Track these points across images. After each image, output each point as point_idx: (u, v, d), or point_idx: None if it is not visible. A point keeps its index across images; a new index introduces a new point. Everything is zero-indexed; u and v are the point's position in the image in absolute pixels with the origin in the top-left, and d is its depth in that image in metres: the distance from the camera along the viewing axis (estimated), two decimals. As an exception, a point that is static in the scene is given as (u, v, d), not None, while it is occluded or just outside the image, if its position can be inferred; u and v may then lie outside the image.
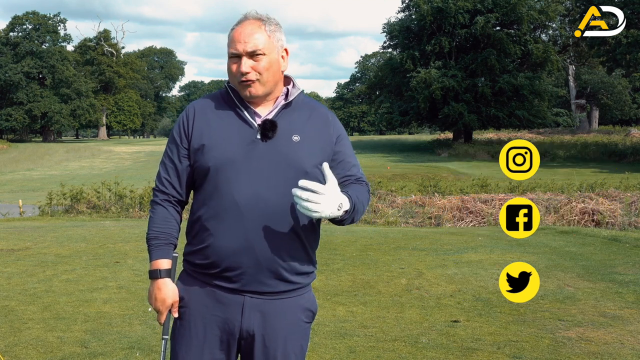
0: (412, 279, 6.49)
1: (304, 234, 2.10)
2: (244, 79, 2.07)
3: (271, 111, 2.13)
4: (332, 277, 6.51)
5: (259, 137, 2.08)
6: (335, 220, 2.03)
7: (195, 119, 2.14)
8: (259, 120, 2.11)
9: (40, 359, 4.21)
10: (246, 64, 2.06)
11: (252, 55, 2.07)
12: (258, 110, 2.13)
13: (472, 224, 11.97)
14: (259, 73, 2.07)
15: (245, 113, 2.12)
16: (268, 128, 2.07)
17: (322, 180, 2.03)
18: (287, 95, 2.17)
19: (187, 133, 2.14)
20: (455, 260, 7.42)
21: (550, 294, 5.79)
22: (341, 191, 2.02)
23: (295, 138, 2.09)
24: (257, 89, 2.09)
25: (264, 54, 2.08)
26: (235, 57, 2.09)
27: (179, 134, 2.16)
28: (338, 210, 1.96)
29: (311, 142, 2.11)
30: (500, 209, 12.21)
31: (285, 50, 2.16)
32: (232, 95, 2.14)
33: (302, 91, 2.21)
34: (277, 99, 2.16)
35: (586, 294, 5.80)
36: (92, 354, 4.28)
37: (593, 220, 11.54)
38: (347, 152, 2.20)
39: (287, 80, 2.20)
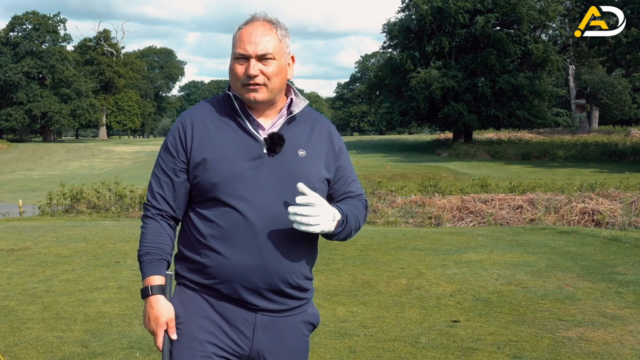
0: (412, 279, 6.49)
1: (309, 250, 2.06)
2: (251, 82, 1.96)
3: (274, 123, 2.04)
4: (332, 277, 6.51)
5: (265, 151, 1.98)
6: (328, 235, 1.97)
7: (194, 131, 2.00)
8: (263, 133, 2.01)
9: (40, 359, 4.21)
10: (255, 66, 1.95)
11: (262, 58, 1.96)
12: (260, 120, 2.03)
13: (472, 224, 11.97)
14: (267, 78, 1.97)
15: (249, 125, 2.00)
16: (276, 142, 1.97)
17: (325, 196, 2.03)
18: (290, 105, 2.07)
19: (185, 146, 1.99)
20: (455, 260, 7.42)
21: (550, 294, 5.79)
22: (331, 204, 2.00)
23: (301, 153, 2.01)
24: (262, 94, 1.97)
25: (274, 59, 1.97)
26: (242, 58, 1.97)
27: (174, 147, 2.01)
28: (333, 220, 1.94)
29: (316, 157, 2.04)
30: (500, 209, 12.27)
31: (292, 57, 2.06)
32: (235, 104, 2.01)
33: (308, 104, 2.12)
34: (280, 110, 2.06)
35: (586, 294, 5.80)
36: (92, 354, 4.28)
37: (593, 220, 11.54)
38: (347, 167, 2.14)
39: (288, 88, 2.09)
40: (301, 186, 1.91)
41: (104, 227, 10.82)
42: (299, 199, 1.89)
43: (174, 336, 1.99)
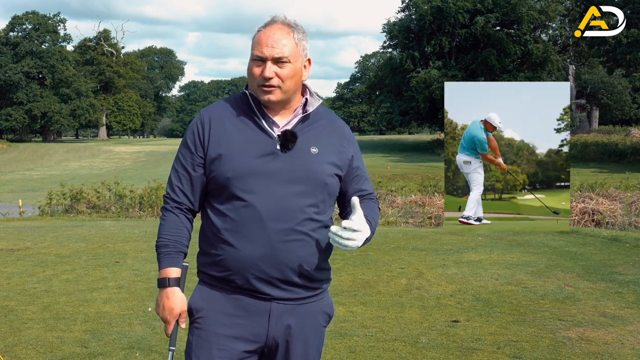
0: (412, 279, 6.49)
1: (323, 241, 2.11)
2: (266, 84, 2.04)
3: (289, 121, 2.11)
4: (332, 277, 6.49)
5: (278, 147, 2.05)
6: None
7: (211, 127, 2.09)
8: (277, 130, 2.08)
9: (40, 359, 4.21)
10: (270, 69, 2.03)
11: (277, 61, 2.04)
12: (276, 119, 2.11)
13: (472, 224, 11.95)
14: (282, 80, 2.05)
15: (264, 122, 2.09)
16: (288, 139, 2.05)
17: (335, 192, 2.14)
18: (305, 105, 2.15)
19: (203, 141, 2.09)
20: (455, 260, 7.42)
21: (550, 294, 5.79)
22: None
23: (314, 150, 2.09)
24: (276, 96, 2.06)
25: (289, 62, 2.05)
26: (259, 60, 2.06)
27: (193, 142, 2.11)
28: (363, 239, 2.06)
29: (329, 154, 2.11)
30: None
31: (309, 60, 2.14)
32: (251, 103, 2.10)
33: (321, 103, 2.19)
34: (295, 109, 2.14)
35: (586, 294, 5.80)
36: (92, 354, 4.28)
37: (593, 220, 11.53)
38: (361, 166, 2.22)
39: (304, 88, 2.17)
40: (355, 200, 2.00)
41: (104, 227, 10.83)
42: (345, 224, 1.99)
43: (183, 325, 2.10)
